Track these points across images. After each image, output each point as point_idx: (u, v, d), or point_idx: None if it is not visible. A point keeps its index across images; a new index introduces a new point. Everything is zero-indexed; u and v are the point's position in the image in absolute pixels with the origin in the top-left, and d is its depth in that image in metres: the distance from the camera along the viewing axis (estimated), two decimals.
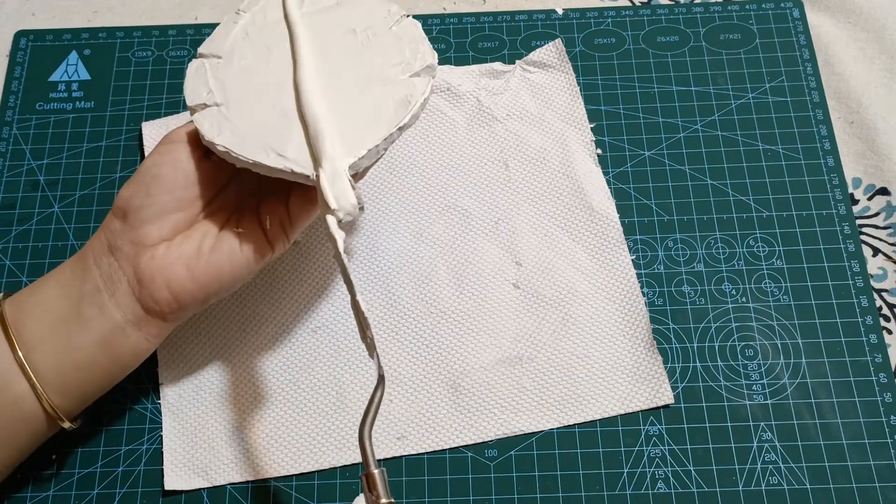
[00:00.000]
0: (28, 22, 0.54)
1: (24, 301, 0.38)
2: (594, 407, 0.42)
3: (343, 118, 0.38)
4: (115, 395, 0.43)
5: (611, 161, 0.49)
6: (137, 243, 0.37)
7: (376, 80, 0.39)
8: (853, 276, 0.45)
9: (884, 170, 0.48)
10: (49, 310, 0.37)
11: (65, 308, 0.37)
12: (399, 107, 0.38)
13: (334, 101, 0.38)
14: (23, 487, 0.41)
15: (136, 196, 0.37)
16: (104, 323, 0.37)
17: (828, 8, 0.53)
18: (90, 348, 0.37)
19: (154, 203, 0.37)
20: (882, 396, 0.42)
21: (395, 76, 0.39)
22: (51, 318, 0.37)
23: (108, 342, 0.37)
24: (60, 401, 0.37)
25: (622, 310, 0.45)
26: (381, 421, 0.42)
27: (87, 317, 0.37)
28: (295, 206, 0.39)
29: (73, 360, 0.37)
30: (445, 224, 0.47)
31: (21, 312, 0.37)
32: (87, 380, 0.38)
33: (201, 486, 0.41)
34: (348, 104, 0.38)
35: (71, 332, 0.37)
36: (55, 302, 0.37)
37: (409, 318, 0.45)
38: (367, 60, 0.40)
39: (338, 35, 0.41)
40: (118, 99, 0.51)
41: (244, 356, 0.44)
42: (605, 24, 0.53)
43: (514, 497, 0.41)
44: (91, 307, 0.37)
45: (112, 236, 0.38)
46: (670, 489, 0.41)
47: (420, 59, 0.39)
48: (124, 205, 0.38)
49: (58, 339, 0.37)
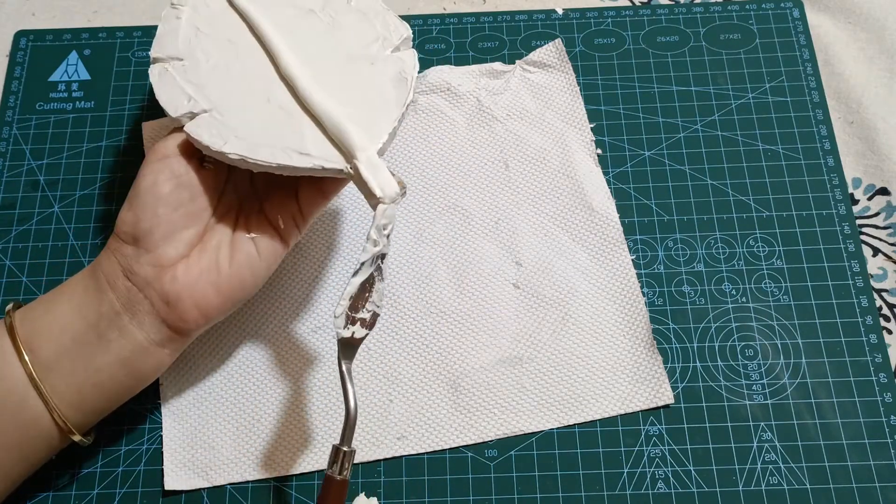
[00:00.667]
0: (28, 22, 0.54)
1: (37, 319, 0.37)
2: (594, 407, 0.42)
3: (349, 106, 0.37)
4: None
5: (611, 161, 0.49)
6: (156, 265, 0.37)
7: (361, 60, 0.39)
8: (853, 276, 0.45)
9: (884, 170, 0.48)
10: (65, 330, 0.37)
11: (82, 329, 0.37)
12: (398, 84, 0.38)
13: (331, 89, 0.38)
14: (23, 487, 0.41)
15: (144, 219, 0.37)
16: (125, 344, 0.37)
17: (828, 8, 0.53)
18: (111, 368, 0.37)
19: (163, 223, 0.37)
20: (882, 396, 0.42)
21: (377, 53, 0.39)
22: (67, 338, 0.37)
23: (130, 362, 0.37)
24: (76, 418, 0.37)
25: (622, 310, 0.45)
26: (381, 421, 0.42)
27: (107, 338, 0.37)
28: (306, 198, 0.39)
29: (92, 381, 0.37)
30: (445, 224, 0.47)
31: (35, 332, 0.37)
32: (105, 397, 0.38)
33: (201, 486, 0.41)
34: (347, 90, 0.38)
35: (91, 353, 0.37)
36: (71, 322, 0.37)
37: (409, 318, 0.45)
38: (341, 41, 0.40)
39: (297, 17, 0.40)
40: (118, 99, 0.51)
41: (244, 356, 0.44)
42: (605, 24, 0.53)
43: (514, 497, 0.41)
44: (111, 329, 0.37)
45: (126, 261, 0.37)
46: (670, 489, 0.41)
47: (395, 32, 0.40)
48: (132, 230, 0.37)
49: (76, 360, 0.37)
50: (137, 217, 0.37)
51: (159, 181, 0.37)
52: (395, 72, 0.38)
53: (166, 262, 0.37)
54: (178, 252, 0.37)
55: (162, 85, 0.39)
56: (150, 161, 0.38)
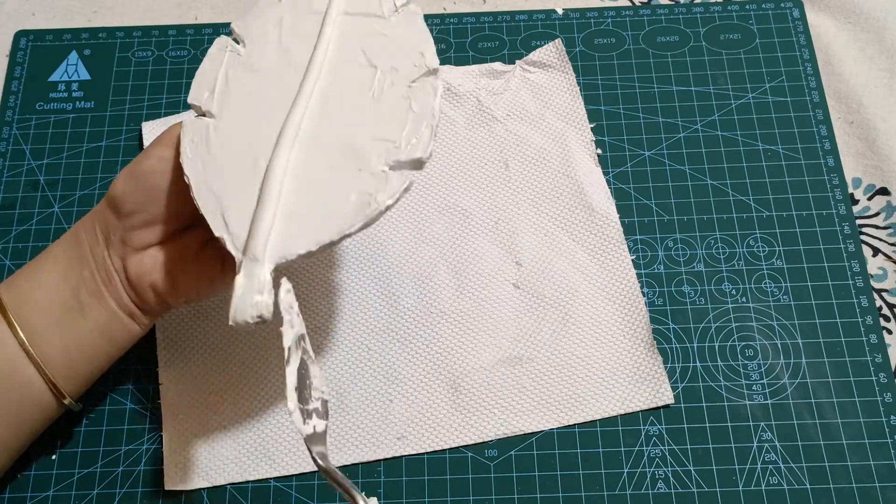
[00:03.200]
0: (28, 22, 0.54)
1: (21, 286, 0.38)
2: (594, 407, 0.42)
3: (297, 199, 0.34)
4: (116, 395, 0.43)
5: (611, 161, 0.49)
6: (126, 244, 0.38)
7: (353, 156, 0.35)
8: (853, 276, 0.45)
9: (884, 170, 0.48)
10: (51, 296, 0.38)
11: (66, 294, 0.38)
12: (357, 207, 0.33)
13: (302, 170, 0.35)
14: (23, 487, 0.41)
15: (131, 199, 0.37)
16: (102, 311, 0.38)
17: (828, 8, 0.53)
18: (91, 334, 0.38)
19: (146, 212, 0.37)
20: (882, 396, 0.42)
21: (373, 160, 0.34)
22: (57, 305, 0.37)
23: (107, 328, 0.38)
24: (67, 383, 0.38)
25: (622, 310, 0.45)
26: (381, 421, 0.42)
27: (86, 304, 0.38)
28: None
29: (76, 345, 0.38)
30: (445, 224, 0.47)
31: (23, 301, 0.38)
32: (89, 362, 0.39)
33: (201, 486, 0.41)
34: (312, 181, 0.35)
35: (74, 318, 0.38)
36: (56, 288, 0.38)
37: (409, 318, 0.45)
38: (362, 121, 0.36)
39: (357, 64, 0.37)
40: (118, 99, 0.51)
41: (244, 356, 0.44)
42: (605, 24, 0.53)
43: (514, 497, 0.41)
44: (90, 296, 0.38)
45: (106, 228, 0.38)
46: (670, 489, 0.41)
47: (412, 147, 0.34)
48: (117, 202, 0.37)
49: (63, 326, 0.37)
50: (127, 196, 0.37)
51: (157, 170, 0.37)
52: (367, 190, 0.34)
53: (137, 245, 0.38)
54: (150, 241, 0.38)
55: (210, 61, 0.39)
56: (162, 142, 0.37)
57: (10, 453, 0.39)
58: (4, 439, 0.38)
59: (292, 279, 0.45)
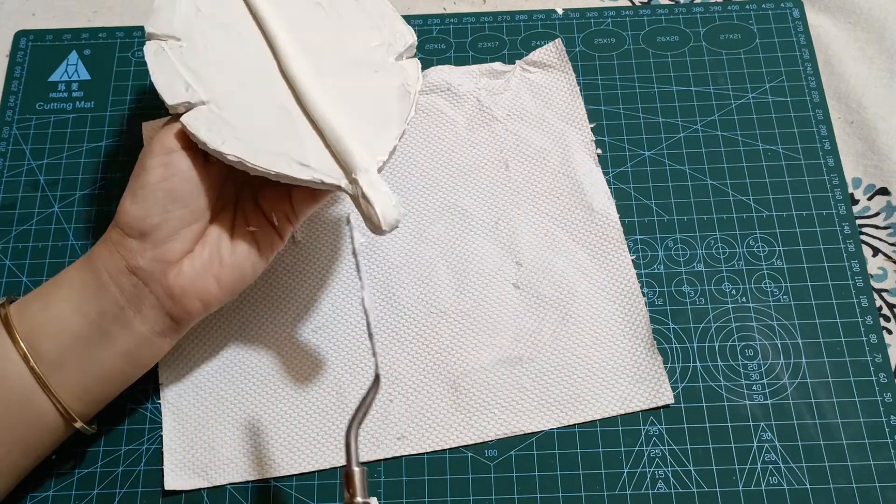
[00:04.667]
0: (28, 22, 0.54)
1: (35, 316, 0.37)
2: (594, 407, 0.42)
3: (352, 117, 0.37)
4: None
5: (611, 161, 0.49)
6: (162, 261, 0.37)
7: (365, 65, 0.38)
8: (853, 276, 0.45)
9: (884, 170, 0.48)
10: (66, 328, 0.37)
11: (84, 327, 0.37)
12: (400, 98, 0.37)
13: (333, 94, 0.37)
14: (23, 487, 0.41)
15: (153, 214, 0.36)
16: (129, 337, 0.37)
17: (828, 8, 0.53)
18: (114, 360, 0.37)
19: (172, 219, 0.37)
20: (882, 396, 0.42)
21: (381, 60, 0.38)
22: (68, 336, 0.37)
23: (132, 353, 0.38)
24: (81, 409, 0.38)
25: (622, 310, 0.45)
26: (381, 421, 0.42)
27: (110, 333, 0.37)
28: (298, 200, 0.39)
29: (96, 374, 0.37)
30: (445, 224, 0.47)
31: (34, 329, 0.37)
32: (108, 386, 0.38)
33: (201, 486, 0.41)
34: (349, 98, 0.37)
35: (94, 348, 0.37)
36: (71, 320, 0.37)
37: (409, 318, 0.45)
38: (346, 41, 0.39)
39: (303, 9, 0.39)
40: (118, 99, 0.51)
41: (244, 356, 0.44)
42: (605, 24, 0.53)
43: (514, 497, 0.41)
44: (114, 324, 0.37)
45: (131, 256, 0.37)
46: (670, 489, 0.41)
47: (400, 38, 0.39)
48: (139, 225, 0.37)
49: (79, 356, 0.37)
50: (146, 212, 0.36)
51: (166, 176, 0.37)
52: (398, 83, 0.37)
53: (173, 258, 0.37)
54: (184, 248, 0.38)
55: (158, 66, 0.38)
56: (155, 153, 0.37)
57: (18, 474, 0.39)
58: (15, 462, 0.37)
59: (292, 278, 0.46)
